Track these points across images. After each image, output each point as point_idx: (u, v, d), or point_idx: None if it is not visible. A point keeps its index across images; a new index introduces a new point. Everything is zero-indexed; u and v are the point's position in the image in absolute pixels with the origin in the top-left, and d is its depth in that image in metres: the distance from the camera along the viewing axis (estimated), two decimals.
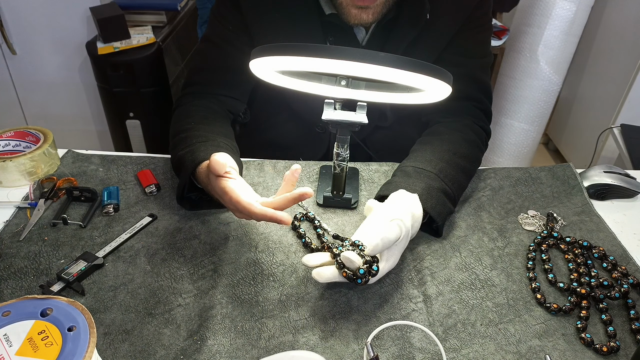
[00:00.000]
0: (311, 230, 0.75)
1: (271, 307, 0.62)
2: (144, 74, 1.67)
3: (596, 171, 0.86)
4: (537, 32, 1.80)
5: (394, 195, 0.69)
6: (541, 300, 0.64)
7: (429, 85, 0.60)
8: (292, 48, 0.59)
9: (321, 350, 0.57)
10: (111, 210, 0.76)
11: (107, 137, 1.96)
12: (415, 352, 0.57)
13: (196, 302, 0.63)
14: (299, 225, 0.75)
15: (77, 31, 1.78)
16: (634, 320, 0.61)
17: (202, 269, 0.67)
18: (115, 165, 0.87)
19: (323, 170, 0.87)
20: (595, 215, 0.79)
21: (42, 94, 1.93)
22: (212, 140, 0.77)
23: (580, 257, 0.70)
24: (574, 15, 1.74)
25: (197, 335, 0.58)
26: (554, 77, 1.86)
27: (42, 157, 0.82)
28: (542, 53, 1.82)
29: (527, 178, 0.87)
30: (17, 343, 0.44)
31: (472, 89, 0.88)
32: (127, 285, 0.64)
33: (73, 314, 0.47)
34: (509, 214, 0.79)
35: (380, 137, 0.97)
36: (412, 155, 0.81)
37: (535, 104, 1.92)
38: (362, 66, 0.56)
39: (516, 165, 1.98)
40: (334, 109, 0.71)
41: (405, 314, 0.62)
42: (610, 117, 1.94)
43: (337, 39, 0.84)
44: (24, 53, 1.83)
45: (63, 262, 0.67)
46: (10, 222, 0.74)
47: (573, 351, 0.58)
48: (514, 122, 1.98)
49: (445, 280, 0.67)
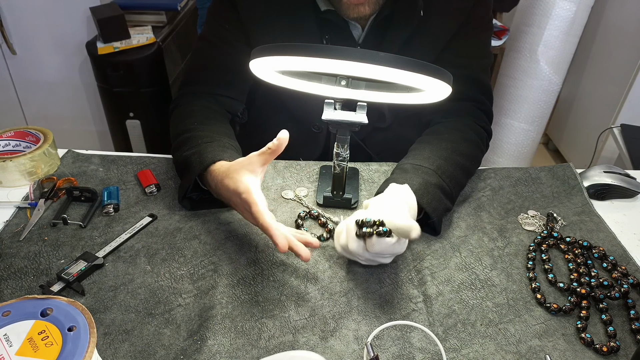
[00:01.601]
0: (314, 227, 0.75)
1: (271, 307, 0.62)
2: (144, 74, 1.67)
3: (596, 171, 0.86)
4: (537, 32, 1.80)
5: (387, 190, 0.69)
6: (541, 300, 0.64)
7: (429, 85, 0.60)
8: (292, 48, 0.59)
9: (321, 350, 0.57)
10: (111, 210, 0.76)
11: (107, 137, 1.96)
12: (415, 352, 0.57)
13: (196, 302, 0.63)
14: (302, 223, 0.75)
15: (77, 31, 1.78)
16: (634, 320, 0.61)
17: (202, 269, 0.67)
18: (115, 165, 0.87)
19: (323, 170, 0.87)
20: (595, 215, 0.79)
21: (42, 94, 1.93)
22: (217, 140, 0.77)
23: (580, 257, 0.70)
24: (574, 15, 1.74)
25: (197, 335, 0.58)
26: (554, 77, 1.86)
27: (42, 157, 0.82)
28: (542, 53, 1.82)
29: (527, 178, 0.87)
30: (17, 343, 0.44)
31: (472, 90, 0.88)
32: (127, 285, 0.64)
33: (73, 314, 0.47)
34: (509, 214, 0.79)
35: (380, 138, 0.97)
36: (411, 153, 0.81)
37: (535, 104, 1.92)
38: (362, 66, 0.56)
39: (516, 165, 1.98)
40: (334, 109, 0.71)
41: (405, 314, 0.62)
42: (610, 117, 1.94)
43: (333, 36, 0.84)
44: (24, 53, 1.83)
45: (63, 262, 0.67)
46: (11, 222, 0.74)
47: (573, 351, 0.58)
48: (514, 122, 1.98)
49: (445, 280, 0.67)
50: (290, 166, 0.88)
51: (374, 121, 0.94)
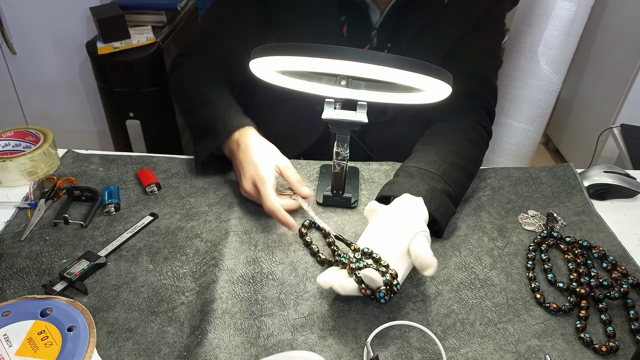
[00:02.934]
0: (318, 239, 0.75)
1: (270, 305, 0.62)
2: (144, 74, 1.67)
3: (596, 171, 0.86)
4: (537, 32, 1.80)
5: (400, 200, 0.68)
6: (541, 300, 0.64)
7: (429, 85, 0.61)
8: (292, 48, 0.59)
9: (320, 349, 0.57)
10: (112, 210, 0.76)
11: (107, 137, 1.96)
12: (415, 351, 0.57)
13: (199, 299, 0.63)
14: (306, 232, 0.73)
15: (77, 31, 1.79)
16: (634, 320, 0.62)
17: (204, 267, 0.67)
18: (116, 165, 0.87)
19: (323, 169, 0.87)
20: (595, 215, 0.79)
21: (42, 94, 1.94)
22: (234, 106, 0.82)
23: (580, 257, 0.70)
24: (574, 15, 1.74)
25: (199, 329, 0.58)
26: (554, 77, 1.86)
27: (42, 157, 0.82)
28: (542, 53, 1.82)
29: (527, 178, 0.87)
30: (17, 343, 0.44)
31: (481, 88, 0.88)
32: (130, 284, 0.65)
33: (73, 314, 0.47)
34: (509, 213, 0.79)
35: (381, 136, 0.97)
36: (415, 155, 0.81)
37: (535, 104, 1.92)
38: (362, 66, 0.56)
39: (516, 165, 1.98)
40: (333, 109, 0.71)
41: (404, 313, 0.62)
42: (610, 117, 1.94)
43: (350, 18, 0.84)
44: (24, 53, 1.83)
45: (65, 261, 0.67)
46: (11, 222, 0.74)
47: (572, 351, 0.58)
48: (514, 122, 1.98)
49: (445, 279, 0.67)
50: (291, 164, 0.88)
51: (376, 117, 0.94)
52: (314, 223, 0.75)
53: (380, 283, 0.56)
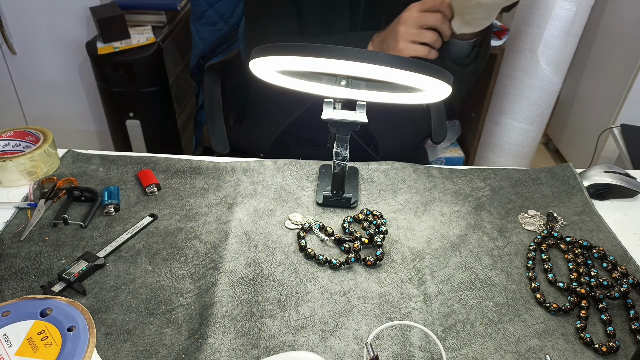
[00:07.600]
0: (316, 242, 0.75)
1: (271, 306, 0.62)
2: (144, 74, 1.67)
3: (596, 171, 0.86)
4: (537, 32, 1.80)
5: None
6: (541, 300, 0.64)
7: (429, 85, 0.60)
8: (292, 48, 0.59)
9: (321, 350, 0.57)
10: (112, 210, 0.76)
11: (107, 137, 1.96)
12: (415, 351, 0.57)
13: (197, 302, 0.63)
14: (304, 236, 0.72)
15: (77, 31, 1.79)
16: (634, 320, 0.62)
17: (203, 268, 0.67)
18: (116, 165, 0.87)
19: (322, 169, 0.87)
20: (595, 215, 0.79)
21: (42, 94, 1.94)
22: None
23: (580, 257, 0.70)
24: (574, 15, 1.74)
25: (198, 333, 0.58)
26: (554, 77, 1.86)
27: (42, 157, 0.82)
28: (542, 53, 1.82)
29: (527, 179, 0.87)
30: (17, 343, 0.44)
31: None
32: (129, 285, 0.64)
33: (73, 314, 0.47)
34: (509, 213, 0.79)
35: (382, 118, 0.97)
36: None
37: (535, 104, 1.92)
38: (362, 66, 0.56)
39: (516, 165, 1.98)
40: (333, 108, 0.71)
41: (405, 313, 0.62)
42: (610, 117, 1.94)
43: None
44: (24, 53, 1.83)
45: (64, 262, 0.67)
46: (11, 222, 0.74)
47: (572, 351, 0.58)
48: (514, 122, 1.98)
49: (445, 279, 0.67)
50: (290, 164, 0.88)
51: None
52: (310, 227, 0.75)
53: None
